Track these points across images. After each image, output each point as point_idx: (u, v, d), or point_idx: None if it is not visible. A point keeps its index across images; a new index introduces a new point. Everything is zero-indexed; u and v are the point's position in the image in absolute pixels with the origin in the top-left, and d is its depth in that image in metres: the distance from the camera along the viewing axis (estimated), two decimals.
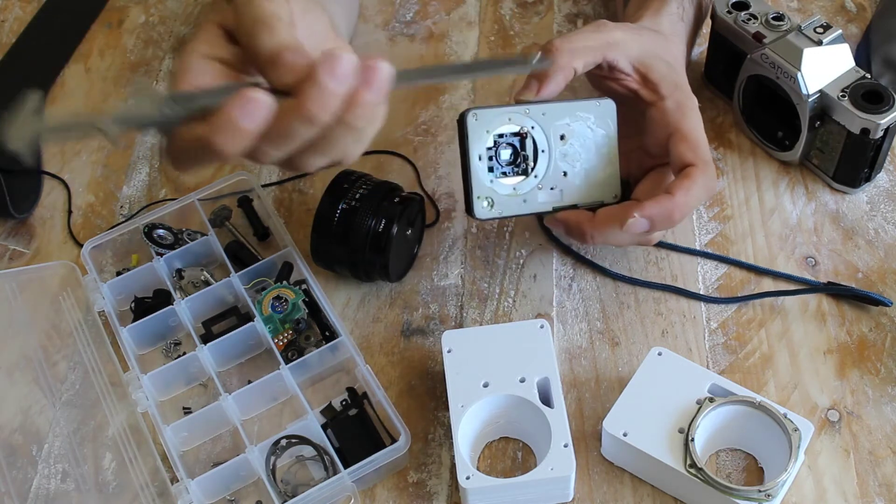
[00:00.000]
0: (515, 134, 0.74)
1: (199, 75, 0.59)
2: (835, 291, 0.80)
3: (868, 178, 0.86)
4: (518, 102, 0.75)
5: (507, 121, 0.74)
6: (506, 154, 0.74)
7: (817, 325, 0.79)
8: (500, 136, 0.74)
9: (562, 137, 0.75)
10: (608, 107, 0.76)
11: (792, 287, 0.81)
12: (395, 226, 0.78)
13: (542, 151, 0.74)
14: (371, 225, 0.78)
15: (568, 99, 0.75)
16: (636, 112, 0.78)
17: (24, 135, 0.52)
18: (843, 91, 0.81)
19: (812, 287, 0.81)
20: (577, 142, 0.75)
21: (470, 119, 0.72)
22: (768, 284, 0.82)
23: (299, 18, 0.59)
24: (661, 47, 0.79)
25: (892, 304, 0.79)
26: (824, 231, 0.85)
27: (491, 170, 0.74)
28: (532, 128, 0.74)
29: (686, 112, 0.75)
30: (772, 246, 0.84)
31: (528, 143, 0.74)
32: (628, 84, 0.77)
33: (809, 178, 0.88)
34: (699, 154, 0.74)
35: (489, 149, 0.73)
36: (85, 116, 0.55)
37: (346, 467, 0.71)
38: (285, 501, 0.70)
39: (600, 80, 0.79)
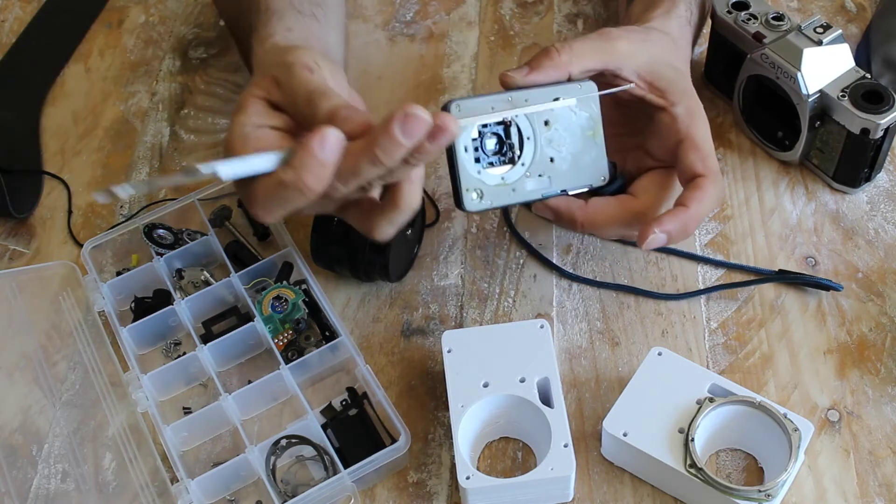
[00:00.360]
0: (499, 123, 0.73)
1: (258, 142, 0.66)
2: (786, 280, 0.81)
3: (868, 178, 0.86)
4: (503, 85, 0.73)
5: (490, 109, 0.72)
6: (491, 143, 0.73)
7: (817, 325, 0.79)
8: (485, 125, 0.72)
9: (546, 123, 0.74)
10: (590, 89, 0.74)
11: (749, 278, 0.82)
12: None
13: (528, 138, 0.73)
14: None
15: (550, 84, 0.74)
16: (640, 113, 0.77)
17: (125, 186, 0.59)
18: (843, 91, 0.81)
19: (765, 277, 0.81)
20: (561, 126, 0.74)
21: (453, 110, 0.70)
22: (768, 285, 0.82)
23: (330, 79, 0.68)
24: (669, 52, 0.78)
25: (842, 288, 0.80)
26: (824, 231, 0.85)
27: (477, 160, 0.72)
28: (516, 115, 0.73)
29: (696, 119, 0.75)
30: (772, 246, 0.84)
31: (513, 130, 0.73)
32: (633, 91, 0.76)
33: (809, 178, 0.88)
34: (709, 164, 0.74)
35: (474, 140, 0.72)
36: (176, 176, 0.64)
37: (346, 467, 0.71)
38: (285, 501, 0.70)
39: (604, 87, 0.77)
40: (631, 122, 0.78)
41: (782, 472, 0.67)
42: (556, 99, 0.73)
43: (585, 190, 0.75)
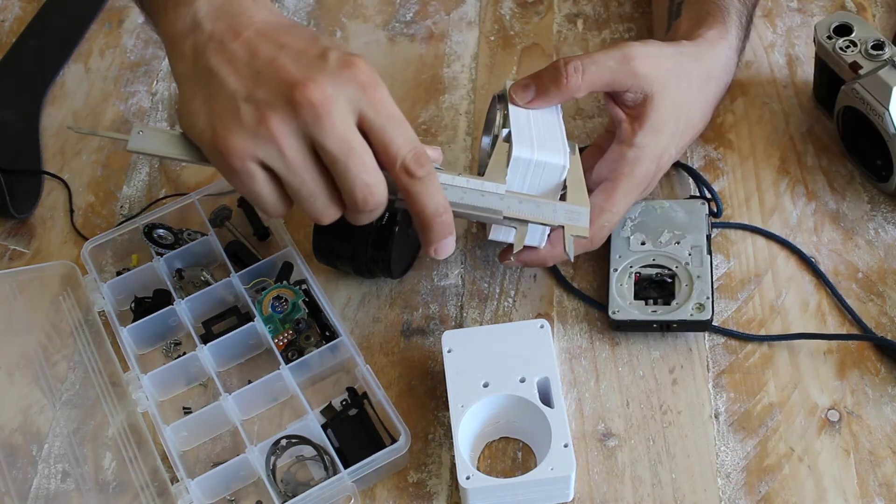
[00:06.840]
0: None
1: None
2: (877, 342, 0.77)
3: None
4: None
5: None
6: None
7: (817, 325, 0.79)
8: None
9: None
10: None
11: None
12: (398, 219, 0.78)
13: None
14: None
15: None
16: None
17: None
18: None
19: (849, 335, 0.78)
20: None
21: None
22: (768, 284, 0.82)
23: None
24: (688, 94, 0.78)
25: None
26: (824, 231, 0.84)
27: None
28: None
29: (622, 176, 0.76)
30: (772, 246, 0.84)
31: None
32: (618, 114, 0.77)
33: (809, 178, 0.88)
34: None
35: None
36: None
37: (346, 467, 0.71)
38: (285, 501, 0.70)
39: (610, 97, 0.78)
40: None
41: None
42: None
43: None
